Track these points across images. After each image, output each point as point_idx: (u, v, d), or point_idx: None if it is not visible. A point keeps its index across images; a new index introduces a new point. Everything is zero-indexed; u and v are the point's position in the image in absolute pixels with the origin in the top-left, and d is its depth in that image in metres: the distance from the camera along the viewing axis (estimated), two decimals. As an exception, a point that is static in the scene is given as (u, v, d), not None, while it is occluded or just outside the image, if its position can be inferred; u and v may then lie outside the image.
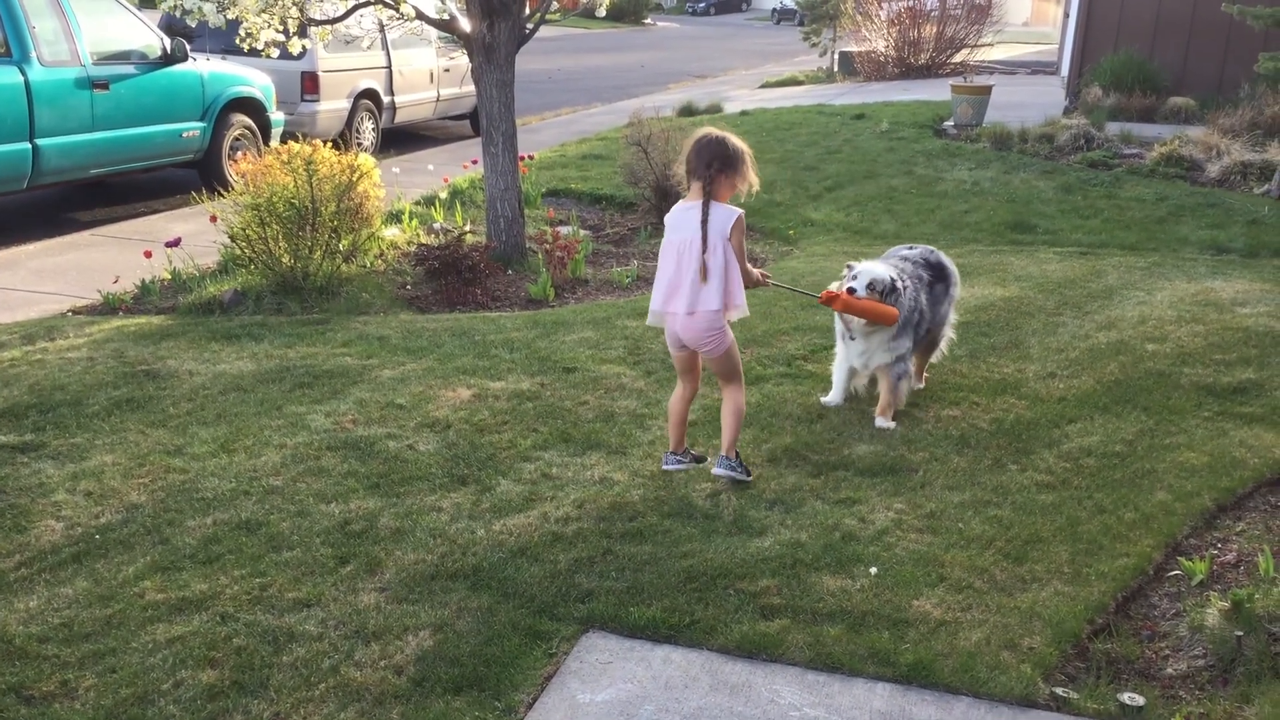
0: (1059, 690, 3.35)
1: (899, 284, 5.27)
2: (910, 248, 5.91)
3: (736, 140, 4.56)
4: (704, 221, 4.44)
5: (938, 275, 5.69)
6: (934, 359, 5.94)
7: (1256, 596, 3.62)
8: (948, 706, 3.28)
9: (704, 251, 4.43)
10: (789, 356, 6.24)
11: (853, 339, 5.41)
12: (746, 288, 4.60)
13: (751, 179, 4.58)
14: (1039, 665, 3.45)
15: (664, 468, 4.78)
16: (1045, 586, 3.88)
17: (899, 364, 5.35)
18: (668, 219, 4.61)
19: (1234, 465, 4.84)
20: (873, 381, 5.60)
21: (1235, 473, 4.78)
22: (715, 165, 4.47)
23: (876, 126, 14.11)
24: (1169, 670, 3.52)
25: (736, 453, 4.69)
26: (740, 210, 4.52)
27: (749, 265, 4.66)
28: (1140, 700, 3.30)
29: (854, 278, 5.25)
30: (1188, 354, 6.24)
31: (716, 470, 4.67)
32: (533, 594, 3.82)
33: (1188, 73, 15.23)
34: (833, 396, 5.60)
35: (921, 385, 5.79)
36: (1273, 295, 7.44)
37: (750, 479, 4.68)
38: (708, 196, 4.47)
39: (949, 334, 5.98)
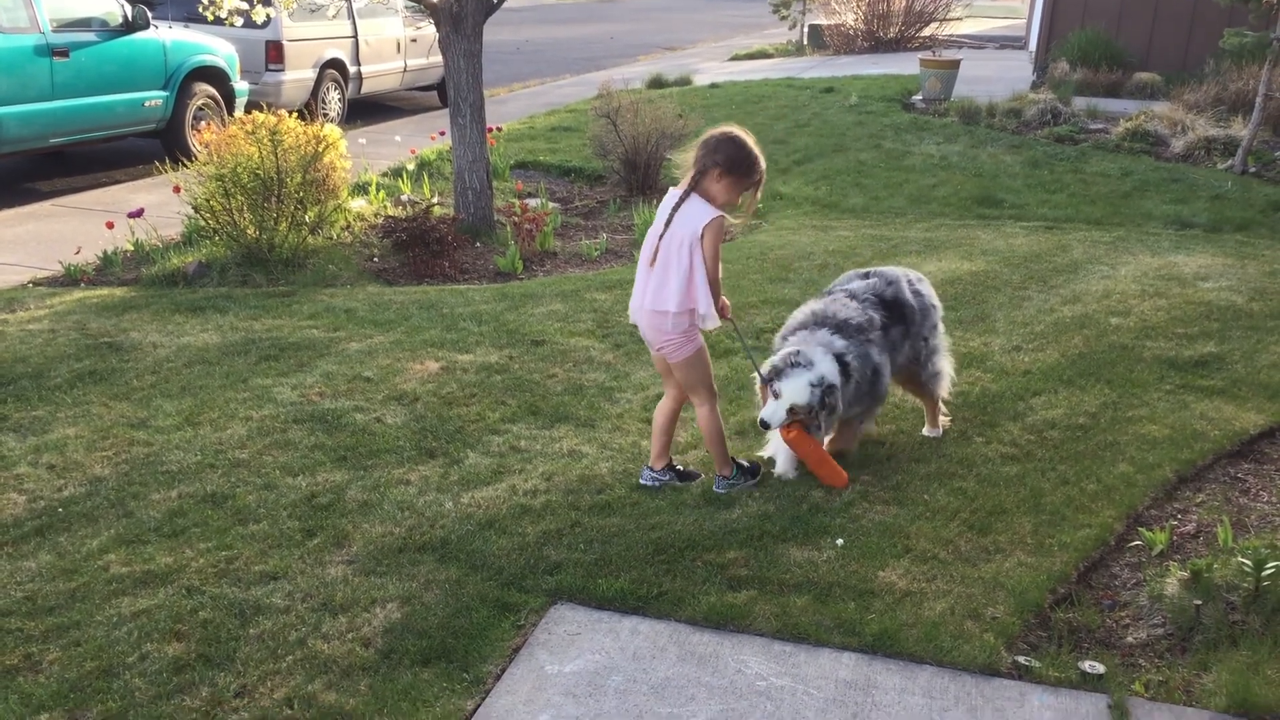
0: (1021, 659, 3.39)
1: (830, 382, 4.29)
2: (866, 275, 4.87)
3: (757, 149, 4.15)
4: (675, 208, 4.11)
5: (893, 316, 4.65)
6: (943, 394, 5.02)
7: (1215, 566, 3.68)
8: (912, 675, 3.32)
9: (659, 238, 4.14)
10: (757, 330, 6.25)
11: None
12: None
13: (753, 199, 4.19)
14: (1002, 634, 3.49)
15: (640, 482, 4.45)
16: (1009, 557, 3.93)
17: (860, 425, 4.73)
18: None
19: (1194, 437, 4.91)
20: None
21: (1196, 445, 4.84)
22: (717, 159, 4.07)
23: (845, 100, 14.11)
24: (1129, 639, 3.58)
25: (735, 464, 4.44)
26: (717, 214, 4.07)
27: (719, 285, 4.22)
28: (1100, 668, 3.35)
29: (775, 395, 4.32)
30: (1150, 328, 6.30)
31: (717, 489, 4.39)
32: (501, 566, 3.82)
33: (1153, 49, 15.32)
34: (782, 466, 4.57)
35: (938, 433, 4.95)
36: (1235, 269, 7.53)
37: (757, 479, 4.46)
38: (692, 186, 4.11)
39: (944, 368, 4.96)
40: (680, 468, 4.53)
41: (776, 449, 4.60)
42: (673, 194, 4.19)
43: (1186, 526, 4.24)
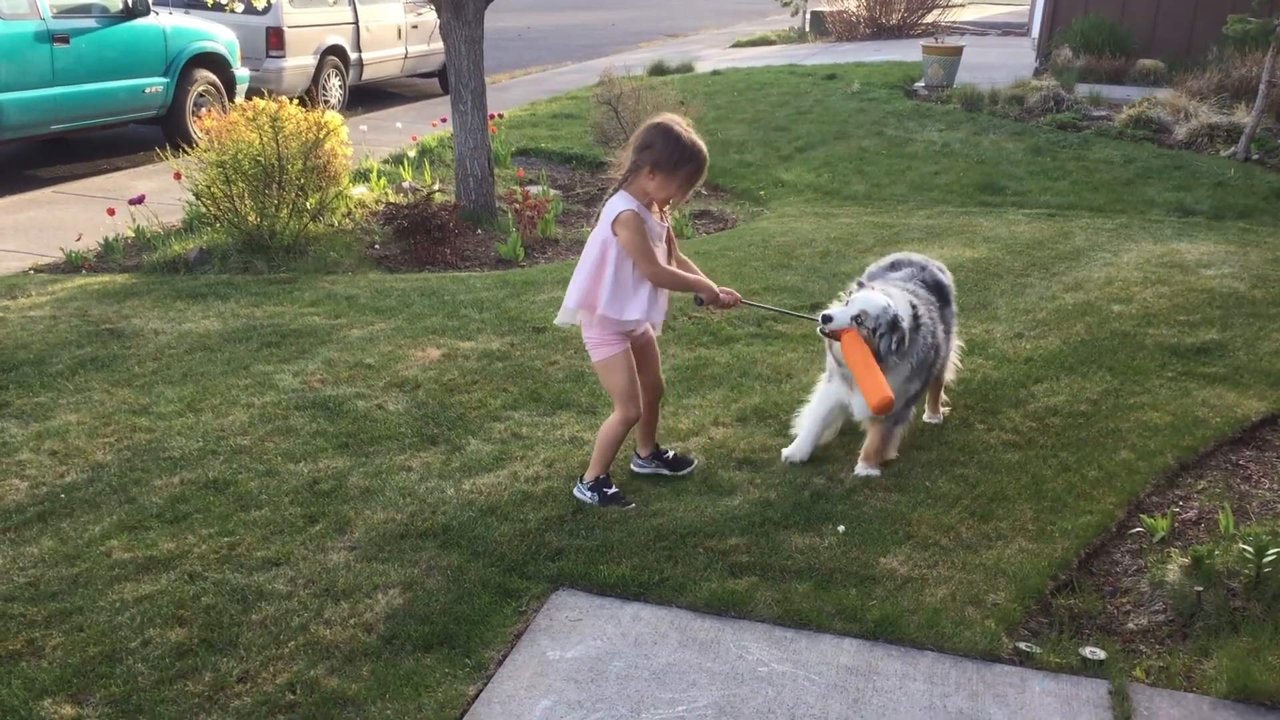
0: (1022, 645, 3.40)
1: (898, 314, 4.24)
2: (896, 265, 4.82)
3: (691, 139, 3.90)
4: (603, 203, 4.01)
5: (941, 297, 4.70)
6: (950, 378, 5.07)
7: (1216, 553, 3.68)
8: (913, 661, 3.33)
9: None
10: (759, 317, 6.25)
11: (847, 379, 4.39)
12: (681, 291, 4.14)
13: (684, 196, 4.01)
14: (1003, 620, 3.50)
15: (631, 467, 4.44)
16: (1010, 543, 3.93)
17: (904, 409, 4.49)
18: None
19: (1196, 424, 4.90)
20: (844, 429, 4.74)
21: (1197, 431, 4.84)
22: (646, 156, 3.90)
23: (848, 87, 14.08)
24: (1130, 625, 3.58)
25: (598, 475, 4.19)
26: (630, 207, 3.89)
27: (702, 280, 4.08)
28: (1101, 654, 3.35)
29: (848, 305, 4.26)
30: (1153, 315, 6.29)
31: (576, 493, 4.21)
32: (502, 552, 3.83)
33: (1157, 35, 15.27)
34: (797, 448, 4.53)
35: (939, 419, 4.95)
36: (1237, 257, 7.52)
37: (619, 504, 4.16)
38: (620, 183, 3.99)
39: (953, 354, 4.99)
40: (670, 454, 4.46)
41: (803, 423, 4.59)
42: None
43: (1188, 513, 4.24)
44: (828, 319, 4.23)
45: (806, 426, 4.57)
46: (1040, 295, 6.69)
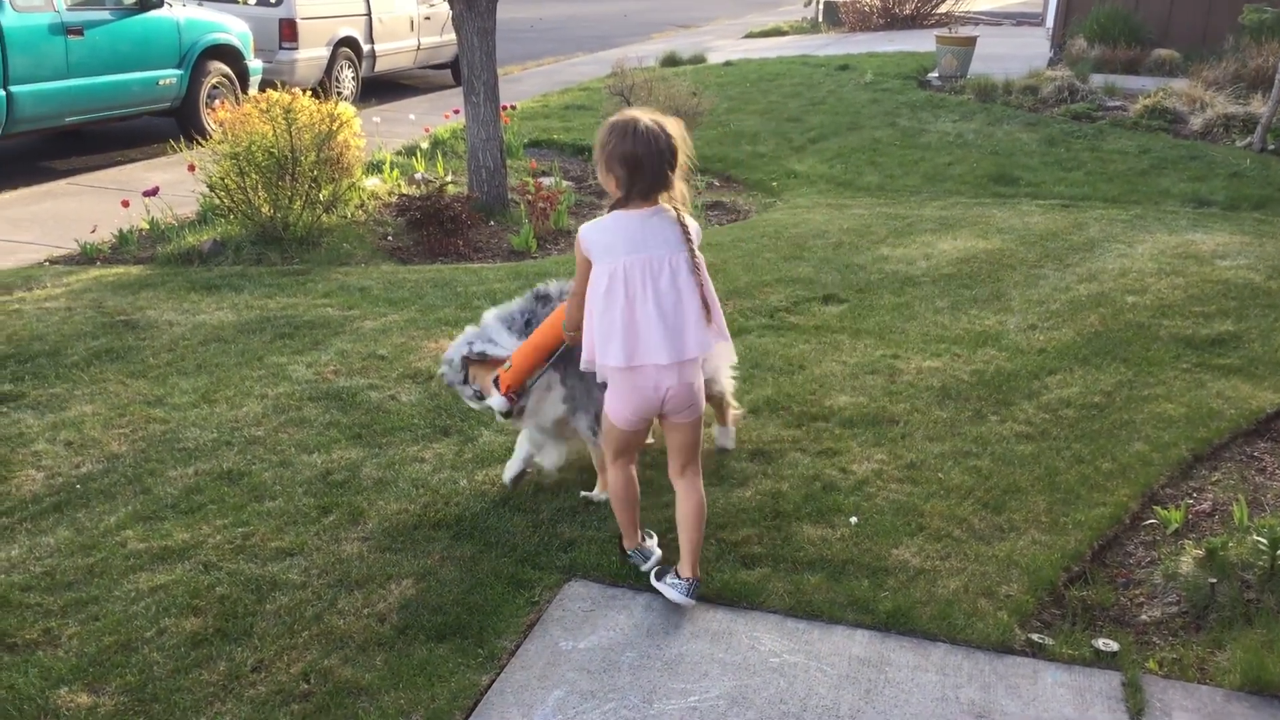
0: (1035, 636, 3.39)
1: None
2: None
3: (621, 124, 3.34)
4: None
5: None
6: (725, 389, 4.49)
7: (1230, 545, 3.67)
8: (925, 653, 3.33)
9: None
10: (771, 308, 6.24)
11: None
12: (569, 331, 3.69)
13: (608, 183, 3.40)
14: (1015, 612, 3.49)
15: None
16: (1023, 535, 3.92)
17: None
18: None
19: (1211, 416, 4.88)
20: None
21: (1212, 423, 4.82)
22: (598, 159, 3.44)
23: (861, 78, 14.03)
24: (1143, 617, 3.57)
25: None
26: (583, 229, 3.41)
27: (579, 305, 3.50)
28: (1114, 646, 3.35)
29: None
30: (1167, 306, 6.27)
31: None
32: (515, 543, 3.84)
33: (1172, 25, 15.17)
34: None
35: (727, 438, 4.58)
36: (1252, 248, 7.47)
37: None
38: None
39: (725, 372, 4.48)
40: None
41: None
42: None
43: (1202, 505, 4.22)
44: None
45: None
46: (1054, 286, 6.66)
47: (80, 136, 11.23)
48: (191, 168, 7.81)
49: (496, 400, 3.87)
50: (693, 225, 3.40)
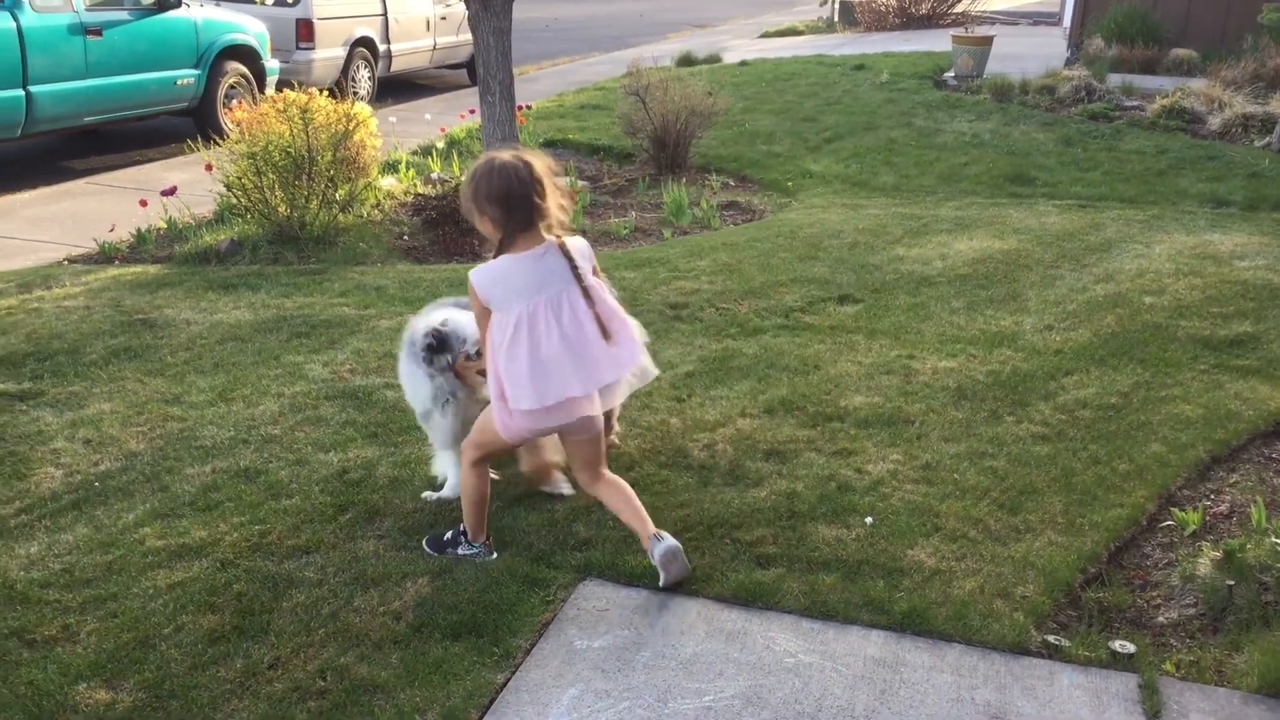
0: (1051, 638, 3.38)
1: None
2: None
3: (473, 168, 3.47)
4: None
5: None
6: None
7: (1248, 546, 3.65)
8: (941, 653, 3.32)
9: None
10: (786, 308, 6.24)
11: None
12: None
13: (484, 227, 3.48)
14: (1032, 613, 3.48)
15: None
16: (1039, 536, 3.91)
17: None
18: None
19: (1229, 417, 4.86)
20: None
21: (1230, 425, 4.80)
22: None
23: (876, 77, 14.00)
24: (1160, 619, 3.56)
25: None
26: (475, 275, 3.47)
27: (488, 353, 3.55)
28: (1131, 648, 3.34)
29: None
30: (1185, 307, 6.24)
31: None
32: (530, 542, 3.85)
33: (1191, 24, 15.09)
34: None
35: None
36: (1271, 248, 7.43)
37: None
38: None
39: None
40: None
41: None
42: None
43: (1219, 507, 4.20)
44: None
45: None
46: (1070, 287, 6.64)
47: (99, 136, 11.30)
48: (209, 167, 7.85)
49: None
50: (578, 245, 3.48)
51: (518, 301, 3.38)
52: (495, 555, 3.78)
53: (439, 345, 3.92)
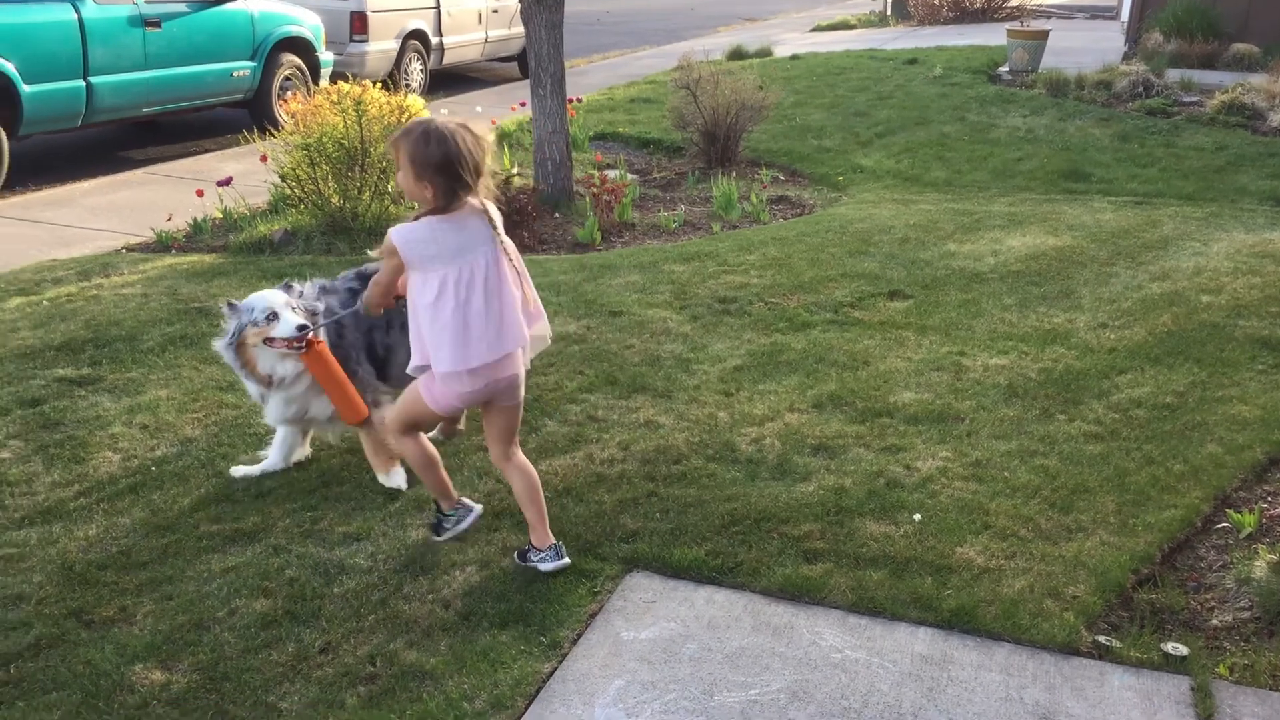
0: (1102, 639, 3.35)
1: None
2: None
3: (413, 134, 3.37)
4: None
5: None
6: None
7: (1306, 550, 3.60)
8: (989, 652, 3.30)
9: None
10: (836, 303, 6.21)
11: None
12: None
13: (422, 192, 3.36)
14: (1082, 614, 3.45)
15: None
16: (1091, 536, 3.87)
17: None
18: None
19: (1287, 419, 4.78)
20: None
21: (1288, 427, 4.72)
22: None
23: (929, 72, 13.88)
24: (1214, 621, 3.51)
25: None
26: (395, 234, 3.38)
27: (383, 292, 3.63)
28: (1184, 650, 3.29)
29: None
30: (1243, 306, 6.13)
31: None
32: (578, 533, 3.86)
33: (1251, 19, 14.80)
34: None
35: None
36: (1333, 248, 7.29)
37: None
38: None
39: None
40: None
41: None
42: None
43: (1276, 509, 4.13)
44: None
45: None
46: (1126, 285, 6.55)
47: (157, 127, 11.46)
48: (264, 158, 7.94)
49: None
50: (494, 210, 3.46)
51: (442, 263, 3.34)
52: (478, 509, 3.84)
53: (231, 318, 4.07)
